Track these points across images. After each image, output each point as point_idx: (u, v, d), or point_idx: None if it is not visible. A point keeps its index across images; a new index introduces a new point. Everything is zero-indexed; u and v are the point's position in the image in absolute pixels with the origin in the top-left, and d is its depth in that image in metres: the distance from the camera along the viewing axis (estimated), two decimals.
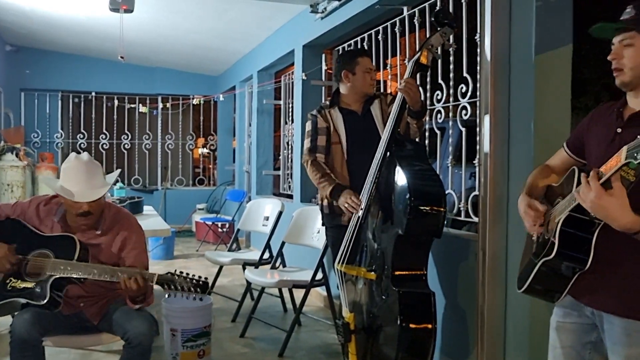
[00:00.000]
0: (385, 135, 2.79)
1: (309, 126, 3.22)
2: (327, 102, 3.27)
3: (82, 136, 8.92)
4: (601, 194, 1.45)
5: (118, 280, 2.35)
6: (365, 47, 4.46)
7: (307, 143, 3.20)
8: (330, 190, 3.00)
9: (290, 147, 6.29)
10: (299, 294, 3.91)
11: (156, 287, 2.40)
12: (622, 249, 1.64)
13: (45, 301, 2.37)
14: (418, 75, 2.91)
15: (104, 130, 8.97)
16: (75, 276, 2.39)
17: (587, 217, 1.59)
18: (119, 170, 2.89)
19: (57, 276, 2.39)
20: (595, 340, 1.79)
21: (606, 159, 1.54)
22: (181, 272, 2.36)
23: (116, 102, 8.81)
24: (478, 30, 2.92)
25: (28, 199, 2.71)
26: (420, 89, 3.06)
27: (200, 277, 2.36)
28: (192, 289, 2.32)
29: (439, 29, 2.79)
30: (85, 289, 2.58)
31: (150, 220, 4.47)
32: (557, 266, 1.71)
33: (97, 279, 2.39)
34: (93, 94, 8.88)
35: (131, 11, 5.09)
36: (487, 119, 2.81)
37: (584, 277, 1.70)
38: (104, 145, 8.93)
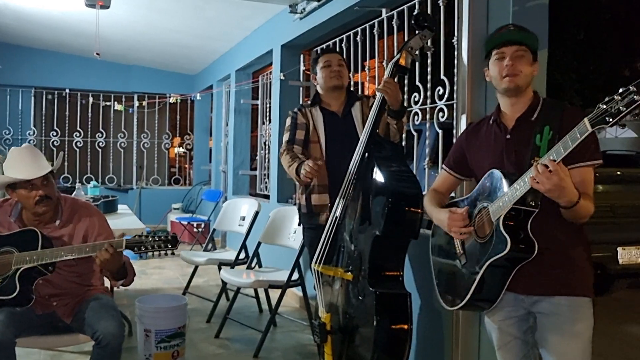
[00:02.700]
0: (363, 136, 2.80)
1: (288, 122, 3.23)
2: (309, 102, 3.29)
3: (55, 133, 8.77)
4: (563, 177, 1.63)
5: (87, 255, 2.33)
6: (344, 48, 4.47)
7: (285, 137, 3.20)
8: (296, 168, 2.98)
9: (267, 147, 6.27)
10: (274, 294, 3.90)
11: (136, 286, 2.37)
12: (551, 238, 1.83)
13: (16, 293, 2.33)
14: (396, 77, 2.93)
15: (78, 128, 8.83)
16: (43, 263, 2.35)
17: (527, 208, 1.76)
18: (62, 153, 2.90)
19: (24, 267, 2.35)
20: (532, 324, 1.97)
21: (504, 162, 1.88)
22: (148, 233, 2.36)
23: (91, 99, 8.69)
24: (455, 34, 2.95)
25: None
26: (399, 89, 3.07)
27: (168, 232, 2.38)
28: (162, 245, 2.33)
29: (418, 31, 2.81)
30: (56, 286, 2.54)
31: (125, 219, 4.42)
32: (505, 262, 1.82)
33: (67, 258, 2.36)
34: (67, 90, 8.73)
35: (107, 7, 5.03)
36: (463, 121, 2.84)
37: (524, 271, 1.84)
38: (78, 143, 8.79)
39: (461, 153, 2.13)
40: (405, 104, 3.53)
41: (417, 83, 3.46)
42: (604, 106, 1.50)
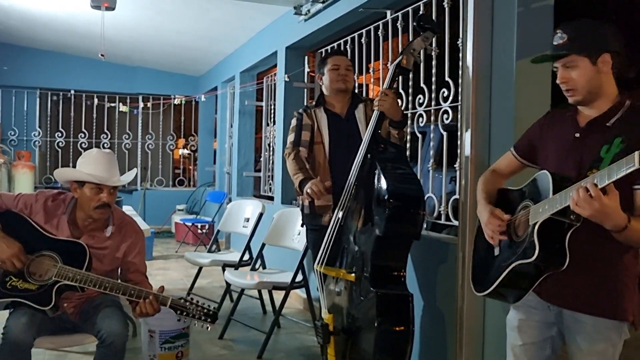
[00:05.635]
0: (365, 137, 2.81)
1: (294, 122, 3.25)
2: (313, 102, 3.30)
3: (60, 135, 8.80)
4: (605, 203, 1.50)
5: (130, 298, 2.34)
6: (348, 50, 4.48)
7: (290, 137, 3.21)
8: (300, 181, 3.01)
9: (271, 148, 6.27)
10: (278, 295, 3.90)
11: None
12: (592, 251, 1.74)
13: (51, 306, 2.33)
14: (400, 79, 2.94)
15: (83, 129, 8.86)
16: (83, 286, 2.34)
17: (566, 220, 1.64)
18: (135, 169, 2.90)
19: (64, 283, 2.33)
20: (555, 335, 1.90)
21: (567, 163, 1.75)
22: (192, 299, 2.37)
23: (96, 100, 8.71)
24: (460, 35, 2.95)
25: (33, 192, 2.62)
26: (400, 96, 3.08)
27: (209, 306, 2.38)
28: (203, 317, 2.33)
29: (421, 33, 2.82)
30: (77, 294, 2.52)
31: None
32: (533, 268, 1.75)
33: (107, 292, 2.35)
34: (72, 92, 8.76)
35: (113, 9, 5.05)
36: (468, 123, 2.84)
37: (552, 278, 1.77)
38: (83, 144, 8.80)
39: (531, 140, 2.02)
40: (410, 106, 3.54)
41: (422, 85, 3.46)
42: None
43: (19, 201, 2.51)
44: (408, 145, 3.63)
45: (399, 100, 3.32)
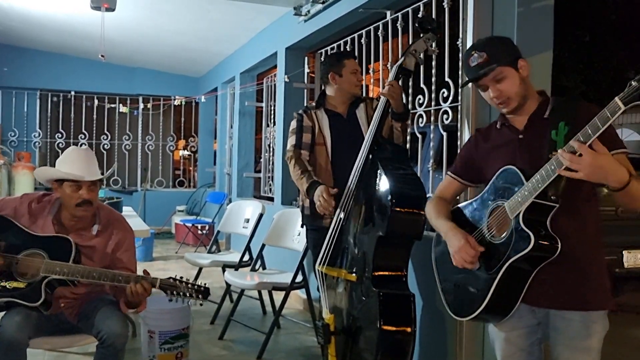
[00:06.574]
0: (367, 137, 2.80)
1: (294, 124, 3.22)
2: (313, 104, 3.28)
3: (60, 136, 8.79)
4: (596, 155, 1.52)
5: (118, 284, 2.33)
6: (348, 50, 4.47)
7: (291, 140, 3.18)
8: (307, 186, 2.98)
9: (271, 149, 6.27)
10: (278, 296, 3.90)
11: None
12: (573, 249, 1.76)
13: (40, 302, 2.33)
14: (400, 80, 2.94)
15: (83, 130, 8.85)
16: (72, 278, 2.34)
17: (547, 202, 1.68)
18: (115, 164, 2.89)
19: (52, 278, 2.33)
20: (541, 336, 1.92)
21: (518, 162, 1.78)
22: (181, 278, 2.35)
23: (96, 101, 8.71)
24: (460, 36, 2.95)
25: (17, 195, 2.63)
26: (403, 92, 3.08)
27: (201, 283, 2.36)
28: (194, 294, 2.32)
29: (422, 34, 2.82)
30: (70, 290, 2.53)
31: (129, 221, 4.38)
32: (526, 263, 1.75)
33: (96, 282, 2.35)
34: (72, 93, 8.76)
35: (113, 10, 5.05)
36: (468, 124, 2.84)
37: (537, 281, 1.78)
38: (83, 145, 8.78)
39: (470, 159, 2.05)
40: (410, 106, 3.54)
41: (422, 85, 3.45)
42: (636, 83, 1.41)
43: (3, 205, 2.53)
44: (408, 145, 3.63)
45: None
